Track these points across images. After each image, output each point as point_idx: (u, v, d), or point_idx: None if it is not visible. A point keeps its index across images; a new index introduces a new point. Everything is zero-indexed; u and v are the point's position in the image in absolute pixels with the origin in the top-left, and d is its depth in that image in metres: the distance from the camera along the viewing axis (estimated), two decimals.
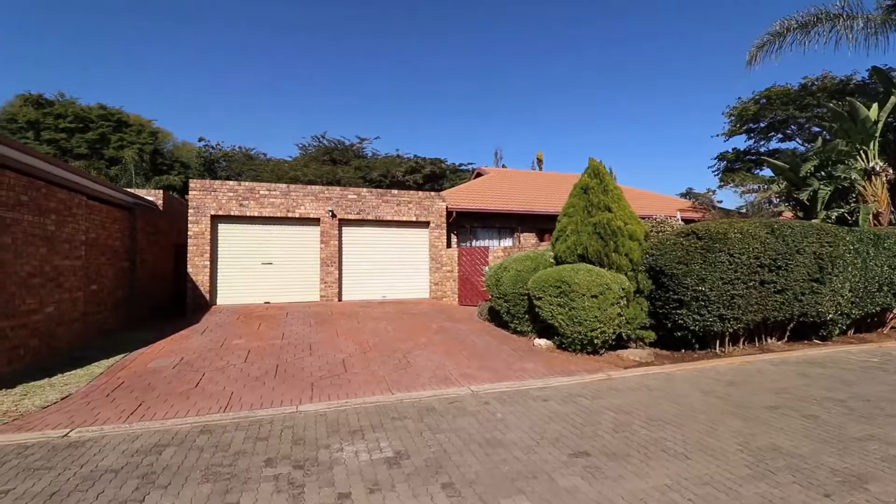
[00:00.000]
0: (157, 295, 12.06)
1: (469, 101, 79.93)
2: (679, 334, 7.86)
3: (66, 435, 4.39)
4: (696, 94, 77.44)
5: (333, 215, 12.71)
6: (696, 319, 7.55)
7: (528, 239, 16.36)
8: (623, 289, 7.29)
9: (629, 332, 7.77)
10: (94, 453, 3.96)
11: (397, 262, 13.52)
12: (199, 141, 34.77)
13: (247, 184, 12.23)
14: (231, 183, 12.15)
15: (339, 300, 12.70)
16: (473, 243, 15.91)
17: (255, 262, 12.23)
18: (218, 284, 11.90)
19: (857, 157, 12.39)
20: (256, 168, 33.08)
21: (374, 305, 11.97)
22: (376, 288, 13.20)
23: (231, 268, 12.03)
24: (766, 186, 14.93)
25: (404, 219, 13.49)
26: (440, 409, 5.18)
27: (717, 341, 8.07)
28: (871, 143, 12.06)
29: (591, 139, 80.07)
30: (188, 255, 11.52)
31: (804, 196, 13.03)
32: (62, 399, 5.37)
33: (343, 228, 13.02)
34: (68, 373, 6.33)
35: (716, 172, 25.02)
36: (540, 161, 37.93)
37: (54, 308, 7.10)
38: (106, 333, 8.89)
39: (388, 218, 13.34)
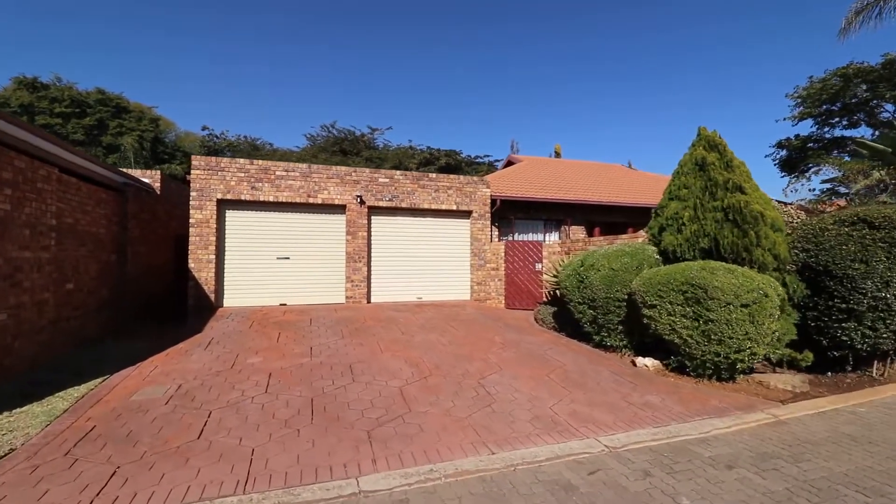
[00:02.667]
0: (152, 294, 10.19)
1: (481, 91, 77.91)
2: (837, 354, 5.95)
3: None
4: (711, 89, 75.33)
5: (362, 202, 10.74)
6: (867, 335, 5.65)
7: (577, 232, 14.37)
8: (778, 295, 5.38)
9: (773, 351, 5.85)
10: None
11: (435, 258, 11.52)
12: (203, 130, 32.91)
13: (260, 162, 10.26)
14: (241, 161, 10.18)
15: (368, 302, 10.77)
16: (515, 237, 13.95)
17: (270, 257, 10.31)
18: (225, 282, 10.00)
19: None
20: (263, 158, 31.17)
21: (412, 309, 10.06)
22: (411, 288, 11.24)
23: (241, 263, 10.12)
24: (864, 173, 12.84)
25: (443, 207, 11.47)
26: (583, 487, 3.29)
27: (875, 362, 6.18)
28: None
29: (604, 135, 78.04)
30: (190, 248, 9.61)
31: None
32: None
33: (372, 217, 11.04)
34: (19, 409, 4.47)
35: (775, 161, 22.89)
36: (558, 153, 35.98)
37: (8, 315, 5.23)
38: (85, 344, 7.02)
39: (425, 206, 11.32)
